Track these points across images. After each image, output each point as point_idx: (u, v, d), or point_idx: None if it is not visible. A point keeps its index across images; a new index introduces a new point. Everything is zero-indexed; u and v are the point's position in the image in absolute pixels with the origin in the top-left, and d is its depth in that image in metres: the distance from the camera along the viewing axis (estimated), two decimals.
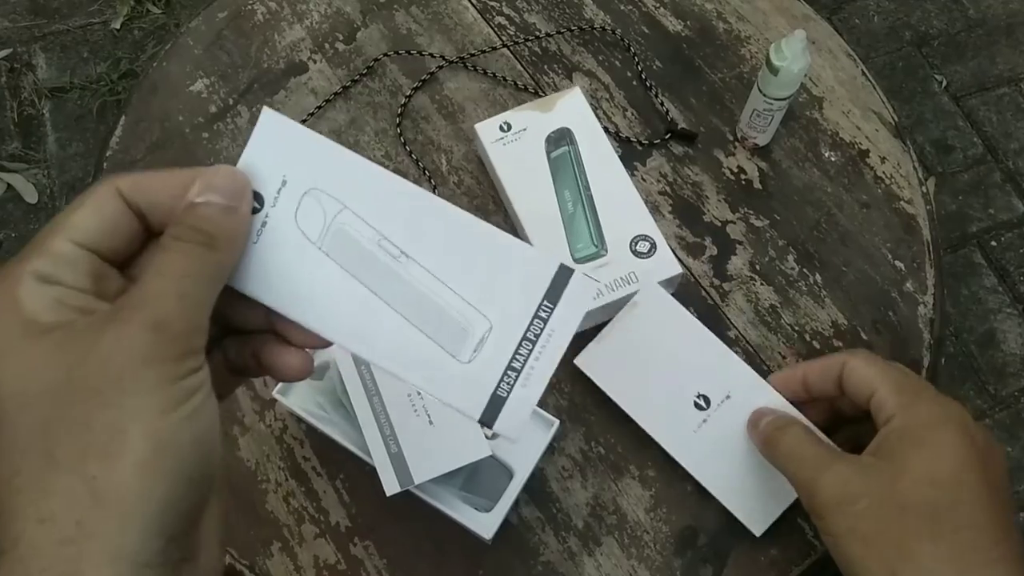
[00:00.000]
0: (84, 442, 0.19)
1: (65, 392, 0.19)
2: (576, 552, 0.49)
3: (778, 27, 0.67)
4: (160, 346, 0.20)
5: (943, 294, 0.57)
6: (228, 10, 0.68)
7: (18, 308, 0.20)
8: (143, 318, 0.20)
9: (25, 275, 0.21)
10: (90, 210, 0.22)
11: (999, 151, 1.26)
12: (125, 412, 0.19)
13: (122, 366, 0.19)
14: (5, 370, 0.20)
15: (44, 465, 0.19)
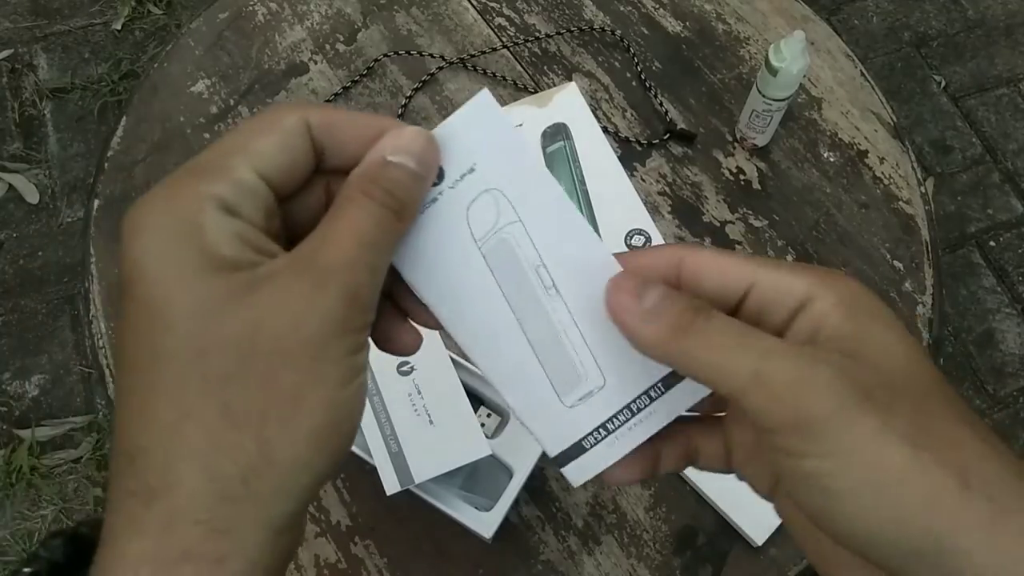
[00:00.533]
0: (265, 402, 0.18)
1: (251, 345, 0.18)
2: (576, 551, 0.49)
3: (777, 28, 0.67)
4: (351, 318, 0.19)
5: (941, 294, 0.58)
6: (229, 11, 0.69)
7: (200, 236, 0.18)
8: (339, 286, 0.19)
9: (208, 201, 0.19)
10: (277, 139, 0.20)
11: (998, 151, 1.26)
12: (310, 378, 0.18)
13: (315, 332, 0.18)
14: (183, 302, 0.18)
15: (219, 417, 0.18)
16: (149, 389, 0.18)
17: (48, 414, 1.05)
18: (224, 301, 0.18)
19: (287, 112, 0.20)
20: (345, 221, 0.20)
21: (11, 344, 1.09)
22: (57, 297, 1.11)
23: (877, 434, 0.18)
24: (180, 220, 0.19)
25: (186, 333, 0.18)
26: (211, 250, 0.18)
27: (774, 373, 0.19)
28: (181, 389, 0.18)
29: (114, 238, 0.60)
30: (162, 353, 0.18)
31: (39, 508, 1.00)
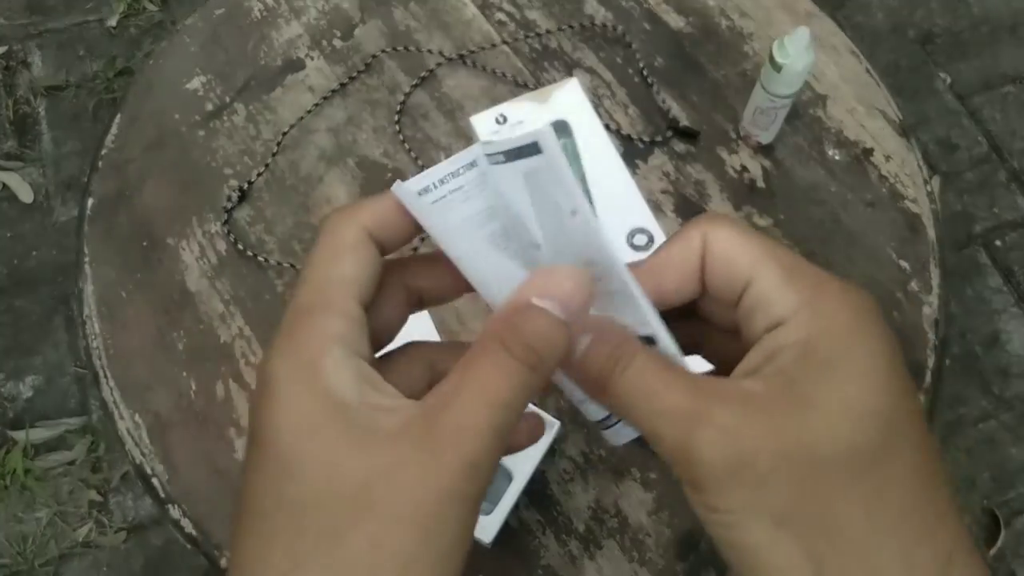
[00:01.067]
0: (372, 563, 0.18)
1: (361, 502, 0.18)
2: (577, 555, 0.48)
3: (781, 24, 0.66)
4: (469, 486, 0.18)
5: (948, 294, 0.57)
6: (225, 7, 0.68)
7: (323, 381, 0.19)
8: (460, 454, 0.18)
9: (331, 342, 0.19)
10: (357, 259, 0.20)
11: (1004, 150, 1.25)
12: (420, 547, 0.18)
13: (427, 499, 0.18)
14: (307, 452, 0.18)
15: (323, 571, 0.18)
16: (270, 535, 0.18)
17: (42, 415, 1.05)
18: (346, 451, 0.18)
19: (346, 226, 0.21)
20: (476, 381, 0.19)
21: (5, 344, 1.09)
22: (51, 297, 1.10)
23: (744, 507, 0.18)
24: (303, 367, 0.19)
25: (310, 482, 0.18)
26: (335, 397, 0.18)
27: (665, 435, 0.19)
28: (298, 539, 0.18)
29: (108, 236, 0.59)
30: (285, 502, 0.18)
31: (33, 511, 1.00)
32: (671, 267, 0.21)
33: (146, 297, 0.57)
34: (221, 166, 0.61)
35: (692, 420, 0.19)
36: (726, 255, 0.21)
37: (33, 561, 0.97)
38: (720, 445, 0.18)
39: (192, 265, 0.58)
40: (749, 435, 0.18)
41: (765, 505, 0.18)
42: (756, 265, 0.20)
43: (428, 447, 0.18)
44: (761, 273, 0.20)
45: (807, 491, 0.18)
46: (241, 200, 0.60)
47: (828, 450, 0.18)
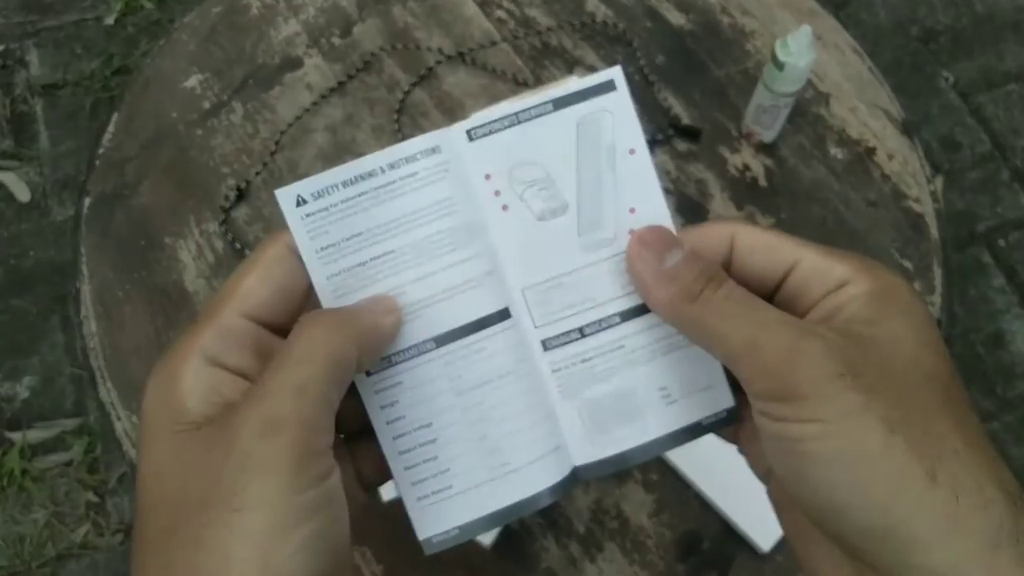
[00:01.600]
0: (194, 563, 0.17)
1: (181, 502, 0.18)
2: (578, 558, 0.48)
3: (784, 22, 0.66)
4: (274, 450, 0.18)
5: (951, 294, 0.57)
6: (222, 5, 0.67)
7: (175, 392, 0.19)
8: (255, 417, 0.18)
9: (193, 353, 0.20)
10: (260, 275, 0.21)
11: (1007, 148, 1.24)
12: (234, 533, 0.17)
13: (232, 477, 0.18)
14: (148, 460, 0.19)
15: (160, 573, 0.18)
16: (136, 538, 0.19)
17: (39, 416, 1.04)
18: (176, 456, 0.19)
19: (269, 244, 0.21)
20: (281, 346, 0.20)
21: (1, 345, 1.08)
22: (48, 297, 1.10)
23: (856, 410, 0.19)
24: (164, 375, 0.20)
25: (146, 492, 0.19)
26: (181, 405, 0.19)
27: (767, 342, 0.20)
28: (141, 544, 0.19)
29: (105, 236, 0.59)
30: (138, 508, 0.19)
31: (30, 512, 0.99)
32: (699, 244, 0.23)
33: (143, 297, 0.56)
34: (219, 165, 0.61)
35: (799, 330, 0.20)
36: (766, 243, 0.22)
37: (30, 562, 0.96)
38: (830, 353, 0.19)
39: (190, 264, 0.57)
40: (854, 350, 0.19)
41: (878, 410, 0.18)
42: (798, 248, 0.22)
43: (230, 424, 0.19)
44: (806, 254, 0.22)
45: (912, 403, 0.19)
46: (239, 199, 0.59)
47: (919, 374, 0.20)
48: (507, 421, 0.23)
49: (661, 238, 0.22)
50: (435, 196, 0.22)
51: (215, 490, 0.18)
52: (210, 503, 0.18)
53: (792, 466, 0.20)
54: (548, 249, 0.23)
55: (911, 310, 0.21)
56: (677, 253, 0.22)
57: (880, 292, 0.21)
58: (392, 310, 0.22)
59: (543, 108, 0.22)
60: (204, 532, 0.17)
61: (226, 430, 0.18)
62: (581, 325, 0.23)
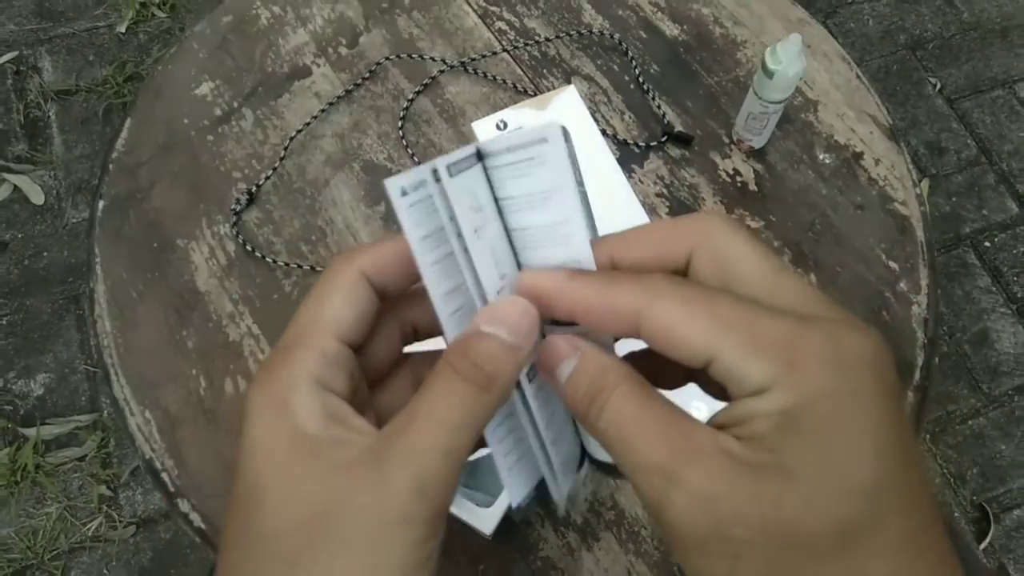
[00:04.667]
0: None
1: (316, 531, 0.18)
2: (575, 547, 0.49)
3: (774, 31, 0.67)
4: (419, 508, 0.18)
5: (937, 294, 0.58)
6: (233, 14, 0.69)
7: (289, 414, 0.19)
8: (407, 477, 0.18)
9: (301, 378, 0.20)
10: (345, 300, 0.21)
11: (993, 153, 1.26)
12: (368, 571, 0.18)
13: (376, 524, 0.18)
14: (272, 484, 0.19)
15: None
16: (237, 565, 0.19)
17: (53, 412, 1.06)
18: (307, 483, 0.19)
19: (342, 268, 0.21)
20: (426, 403, 0.19)
21: (16, 343, 1.10)
22: (62, 297, 1.11)
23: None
24: (273, 402, 0.20)
25: (271, 513, 0.19)
26: (300, 431, 0.19)
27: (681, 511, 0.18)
28: (262, 568, 0.19)
29: (119, 238, 0.61)
30: (253, 532, 0.19)
31: (44, 506, 1.01)
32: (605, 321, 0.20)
33: (156, 297, 0.58)
34: (230, 170, 0.63)
35: (667, 480, 0.17)
36: (677, 336, 0.18)
37: (43, 555, 0.98)
38: (695, 512, 0.17)
39: (201, 266, 0.59)
40: (726, 502, 0.17)
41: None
42: (713, 341, 0.18)
43: (378, 472, 0.19)
44: (722, 349, 0.18)
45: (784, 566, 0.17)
46: (249, 203, 0.61)
47: (809, 525, 0.17)
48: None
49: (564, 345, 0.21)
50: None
51: (356, 529, 0.18)
52: (350, 541, 0.18)
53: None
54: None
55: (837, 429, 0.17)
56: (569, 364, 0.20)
57: (797, 411, 0.17)
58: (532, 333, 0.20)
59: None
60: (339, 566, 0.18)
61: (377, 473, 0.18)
62: None
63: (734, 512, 0.17)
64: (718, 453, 0.17)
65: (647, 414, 0.19)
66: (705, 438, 0.18)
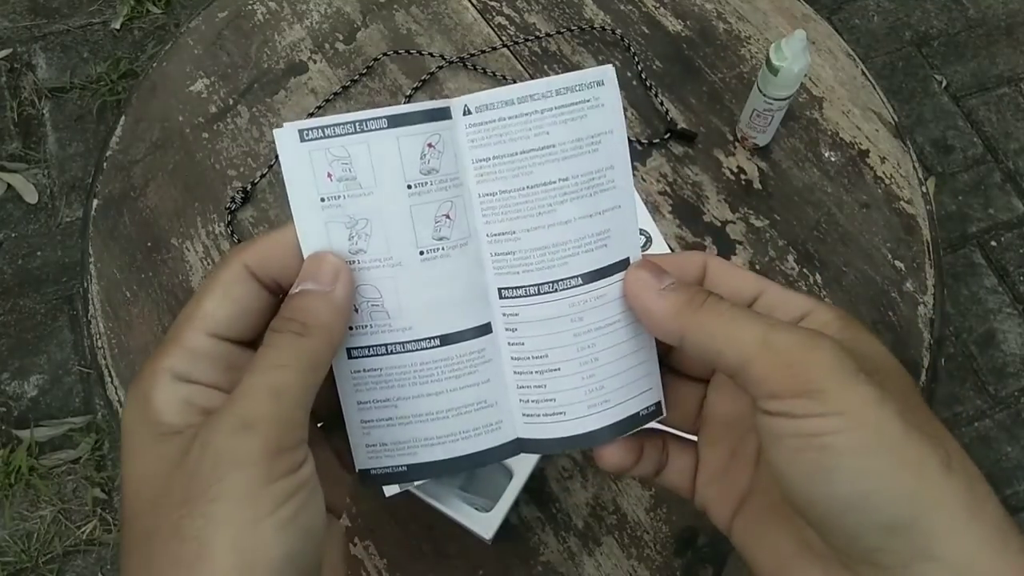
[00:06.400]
0: (174, 555, 0.18)
1: (163, 502, 0.19)
2: (576, 552, 0.49)
3: (778, 27, 0.67)
4: (244, 445, 0.19)
5: (943, 294, 0.57)
6: (228, 10, 0.68)
7: (148, 408, 0.20)
8: (230, 418, 0.19)
9: (160, 372, 0.21)
10: (220, 296, 0.22)
11: (999, 151, 1.26)
12: (211, 521, 0.18)
13: (209, 472, 0.19)
14: (129, 473, 0.20)
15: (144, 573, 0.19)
16: (121, 552, 0.20)
17: (47, 414, 1.05)
18: (157, 463, 0.20)
19: (225, 264, 0.22)
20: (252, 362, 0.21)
21: (10, 344, 1.09)
22: (56, 297, 1.11)
23: (876, 402, 0.19)
24: (138, 395, 0.21)
25: (131, 497, 0.20)
26: (156, 419, 0.20)
27: (782, 341, 0.20)
28: (126, 549, 0.20)
29: (113, 237, 0.60)
30: (122, 519, 0.20)
31: (38, 509, 1.00)
32: (674, 267, 0.24)
33: (150, 297, 0.57)
34: (225, 168, 0.62)
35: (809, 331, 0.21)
36: (734, 273, 0.24)
37: (37, 558, 0.97)
38: (843, 351, 0.20)
39: (196, 265, 0.58)
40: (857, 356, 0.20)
41: (892, 405, 0.19)
42: (761, 282, 0.24)
43: (206, 426, 0.20)
44: (768, 287, 0.23)
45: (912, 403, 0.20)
46: (244, 201, 0.60)
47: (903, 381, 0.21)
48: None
49: (651, 264, 0.24)
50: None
51: (193, 484, 0.19)
52: (188, 498, 0.19)
53: (810, 463, 0.19)
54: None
55: (871, 338, 0.22)
56: (669, 278, 0.23)
57: (843, 318, 0.22)
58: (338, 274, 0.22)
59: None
60: (183, 523, 0.18)
61: (203, 432, 0.19)
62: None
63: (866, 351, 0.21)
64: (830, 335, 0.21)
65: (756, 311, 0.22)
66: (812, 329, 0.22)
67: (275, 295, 0.23)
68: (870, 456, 0.19)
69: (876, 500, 0.19)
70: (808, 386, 0.19)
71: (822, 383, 0.19)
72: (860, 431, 0.19)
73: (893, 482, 0.19)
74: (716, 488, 0.25)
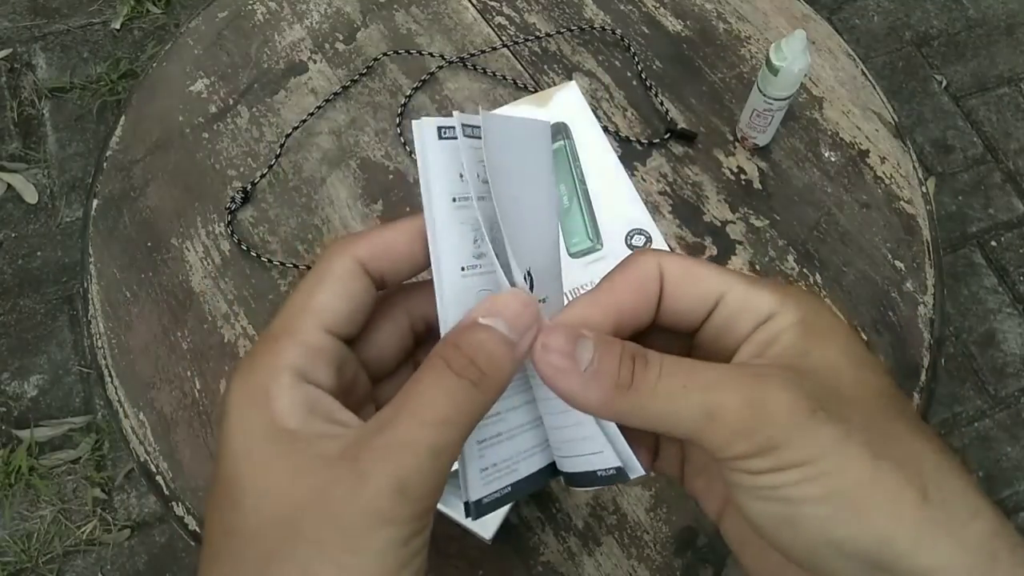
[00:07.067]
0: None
1: (292, 529, 0.18)
2: (576, 552, 0.49)
3: (778, 27, 0.67)
4: (399, 507, 0.18)
5: (943, 294, 0.57)
6: (228, 10, 0.68)
7: (268, 406, 0.19)
8: (387, 475, 0.18)
9: (282, 370, 0.19)
10: (337, 290, 0.20)
11: (999, 151, 1.26)
12: (344, 572, 0.17)
13: (353, 523, 0.17)
14: (249, 479, 0.19)
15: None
16: (218, 561, 0.19)
17: (47, 414, 1.05)
18: (282, 477, 0.18)
19: (337, 256, 0.21)
20: (413, 397, 0.19)
21: (9, 344, 1.09)
22: (56, 297, 1.11)
23: (838, 443, 0.18)
24: (253, 394, 0.19)
25: (249, 510, 0.18)
26: (279, 424, 0.19)
27: (724, 405, 0.19)
28: (238, 566, 0.18)
29: (113, 237, 0.60)
30: (230, 529, 0.18)
31: (38, 508, 1.00)
32: (629, 289, 0.21)
33: (150, 297, 0.57)
34: (225, 168, 0.62)
35: (754, 379, 0.19)
36: (693, 274, 0.21)
37: (37, 558, 0.98)
38: (795, 392, 0.18)
39: (196, 265, 0.58)
40: (810, 383, 0.19)
41: (857, 438, 0.18)
42: (723, 280, 0.21)
43: (356, 469, 0.18)
44: (732, 285, 0.21)
45: (878, 425, 0.19)
46: (244, 201, 0.60)
47: (868, 395, 0.19)
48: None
49: (563, 336, 0.20)
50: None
51: (332, 528, 0.17)
52: (326, 540, 0.17)
53: (779, 514, 0.18)
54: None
55: (836, 332, 0.20)
56: (587, 345, 0.20)
57: (806, 319, 0.20)
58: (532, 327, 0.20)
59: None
60: (314, 566, 0.17)
61: (355, 470, 0.18)
62: None
63: (825, 387, 0.19)
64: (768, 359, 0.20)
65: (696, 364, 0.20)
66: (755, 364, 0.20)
67: (378, 289, 0.21)
68: (836, 505, 0.18)
69: (850, 547, 0.18)
70: (765, 445, 0.18)
71: (776, 439, 0.18)
72: (825, 479, 0.18)
73: (865, 528, 0.18)
74: (702, 482, 0.24)
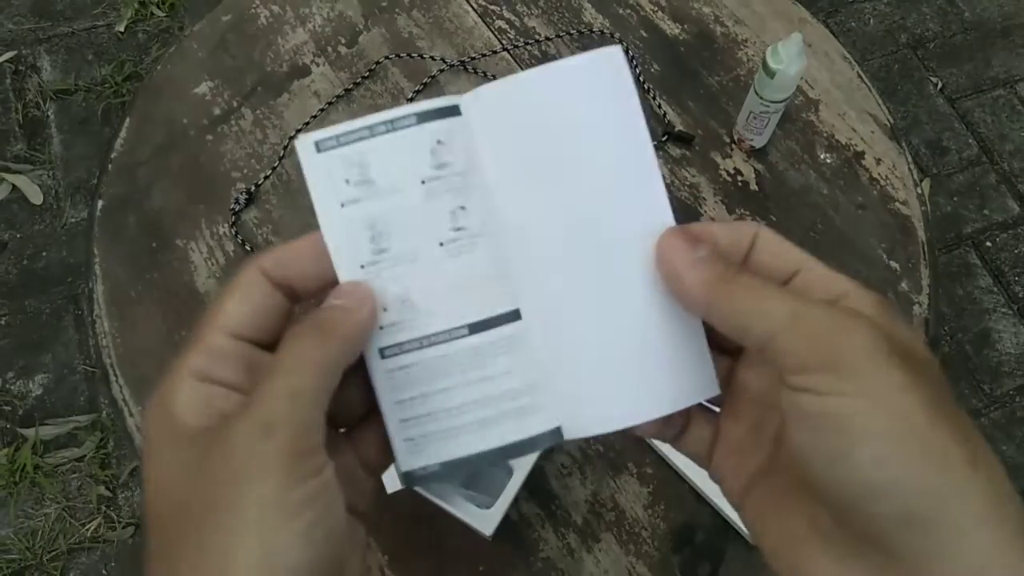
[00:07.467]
0: (199, 565, 0.18)
1: (185, 507, 0.19)
2: (575, 548, 0.49)
3: (775, 31, 0.67)
4: (269, 450, 0.19)
5: (938, 294, 0.58)
6: (232, 13, 0.69)
7: (170, 409, 0.20)
8: (250, 421, 0.19)
9: (181, 373, 0.21)
10: (239, 297, 0.22)
11: (994, 152, 1.26)
12: (235, 530, 0.18)
13: (231, 477, 0.18)
14: (153, 477, 0.20)
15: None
16: (150, 560, 0.20)
17: (52, 413, 1.06)
18: (180, 466, 0.20)
19: (244, 269, 0.23)
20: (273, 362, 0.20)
21: (15, 343, 1.10)
22: (61, 297, 1.11)
23: (905, 389, 0.18)
24: (160, 397, 0.21)
25: (155, 503, 0.20)
26: (179, 420, 0.20)
27: (812, 315, 0.20)
28: (154, 555, 0.20)
29: (118, 238, 0.61)
30: (146, 522, 0.20)
31: (42, 507, 1.01)
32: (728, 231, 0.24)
33: (155, 297, 0.58)
34: (229, 169, 0.63)
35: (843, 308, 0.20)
36: (780, 247, 0.23)
37: (42, 556, 0.98)
38: (877, 332, 0.19)
39: (201, 265, 0.59)
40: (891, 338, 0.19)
41: (920, 393, 0.18)
42: (806, 258, 0.23)
43: (226, 432, 0.19)
44: (810, 264, 0.23)
45: (941, 394, 0.19)
46: (248, 202, 0.61)
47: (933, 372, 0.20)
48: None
49: (685, 233, 0.23)
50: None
51: (215, 493, 0.19)
52: (211, 507, 0.19)
53: (833, 448, 0.19)
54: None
55: (907, 326, 0.22)
56: (704, 247, 0.22)
57: (881, 303, 0.21)
58: (366, 300, 0.23)
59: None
60: (207, 535, 0.18)
61: (223, 436, 0.19)
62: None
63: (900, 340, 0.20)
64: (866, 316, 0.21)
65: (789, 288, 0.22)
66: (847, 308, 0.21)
67: (292, 300, 0.23)
68: (893, 443, 0.18)
69: (895, 490, 0.18)
70: (836, 361, 0.19)
71: (851, 360, 0.19)
72: (885, 416, 0.18)
73: (915, 473, 0.18)
74: (733, 461, 0.24)
